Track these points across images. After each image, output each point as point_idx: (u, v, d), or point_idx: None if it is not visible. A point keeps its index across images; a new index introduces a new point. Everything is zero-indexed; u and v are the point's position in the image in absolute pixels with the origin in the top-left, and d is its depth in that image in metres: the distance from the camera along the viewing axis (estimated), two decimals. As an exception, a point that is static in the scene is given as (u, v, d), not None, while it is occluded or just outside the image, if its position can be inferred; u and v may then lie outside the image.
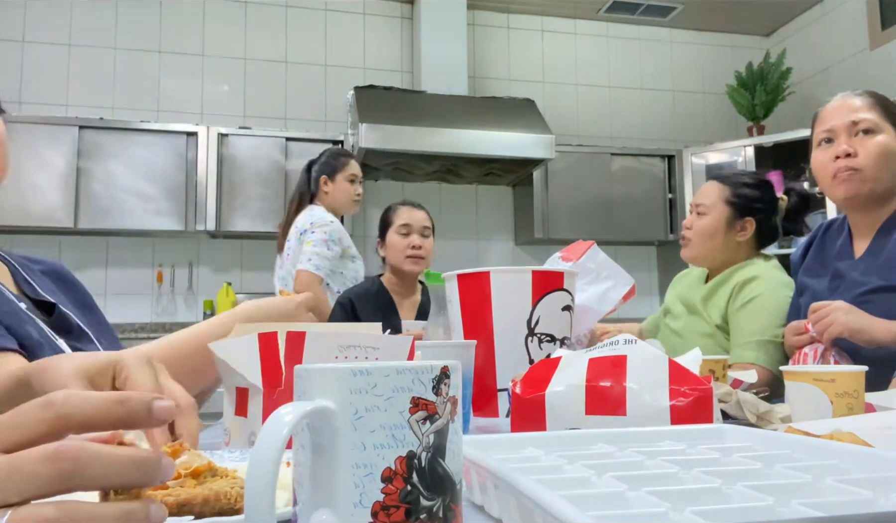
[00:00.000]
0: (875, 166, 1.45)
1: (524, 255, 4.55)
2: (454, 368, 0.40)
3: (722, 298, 1.78)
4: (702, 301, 1.82)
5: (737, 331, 1.73)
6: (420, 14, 4.30)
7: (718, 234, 1.82)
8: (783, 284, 1.75)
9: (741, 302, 1.74)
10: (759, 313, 1.71)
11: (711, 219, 1.83)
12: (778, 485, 0.45)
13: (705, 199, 1.86)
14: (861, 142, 1.46)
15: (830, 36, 4.49)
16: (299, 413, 0.36)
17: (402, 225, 2.36)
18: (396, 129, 3.71)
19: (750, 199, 1.83)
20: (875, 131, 1.46)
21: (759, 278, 1.74)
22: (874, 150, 1.45)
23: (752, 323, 1.71)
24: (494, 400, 1.11)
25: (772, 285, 1.74)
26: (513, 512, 0.45)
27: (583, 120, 4.75)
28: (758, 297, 1.72)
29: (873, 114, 1.47)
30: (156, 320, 3.95)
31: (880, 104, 1.49)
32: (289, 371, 0.73)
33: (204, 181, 3.76)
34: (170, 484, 0.48)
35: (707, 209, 1.84)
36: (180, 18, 4.17)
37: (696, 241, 1.85)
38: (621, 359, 0.81)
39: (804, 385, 0.87)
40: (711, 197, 1.85)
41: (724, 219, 1.82)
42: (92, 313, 1.05)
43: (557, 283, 1.13)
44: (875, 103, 1.48)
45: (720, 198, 1.84)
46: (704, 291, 1.83)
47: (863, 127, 1.46)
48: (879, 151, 1.45)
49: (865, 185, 1.46)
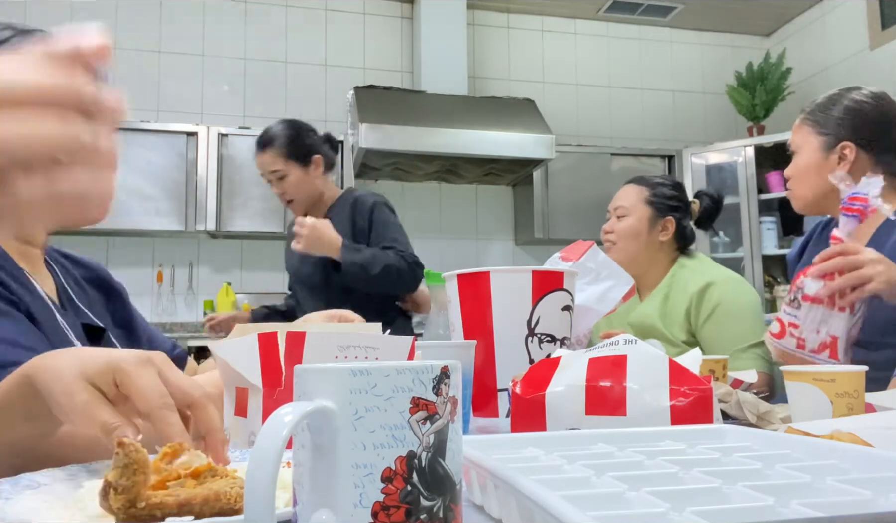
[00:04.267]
0: (796, 186, 1.56)
1: (524, 255, 4.55)
2: (454, 368, 0.40)
3: (680, 313, 1.76)
4: (659, 318, 1.80)
5: (713, 345, 1.71)
6: (420, 14, 4.30)
7: (642, 235, 1.85)
8: (740, 282, 1.78)
9: (706, 313, 1.72)
10: (730, 318, 1.71)
11: (633, 220, 1.86)
12: (778, 485, 0.45)
13: (624, 202, 1.89)
14: (791, 163, 1.58)
15: (830, 36, 4.49)
16: (299, 413, 0.36)
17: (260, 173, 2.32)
18: (396, 128, 3.71)
19: (668, 199, 1.87)
20: (796, 152, 1.56)
21: (715, 283, 1.73)
22: (792, 173, 1.56)
23: (725, 333, 1.70)
24: (494, 401, 1.11)
25: (730, 287, 1.74)
26: (513, 513, 0.45)
27: (583, 120, 4.75)
28: (721, 303, 1.71)
29: (799, 134, 1.56)
30: (156, 320, 3.95)
31: (811, 117, 1.54)
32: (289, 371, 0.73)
33: (204, 181, 3.76)
34: (170, 485, 0.48)
35: (627, 211, 1.87)
36: (180, 18, 4.17)
37: (620, 244, 1.87)
38: (621, 359, 0.81)
39: (804, 385, 0.87)
40: (631, 199, 1.88)
41: (645, 219, 1.85)
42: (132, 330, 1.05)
43: (557, 283, 1.13)
44: (805, 118, 1.55)
45: (640, 199, 1.87)
46: (656, 307, 1.81)
47: (792, 149, 1.58)
48: (795, 173, 1.56)
49: (797, 203, 1.57)
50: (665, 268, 1.87)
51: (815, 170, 1.50)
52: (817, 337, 1.23)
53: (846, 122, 1.48)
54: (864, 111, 1.48)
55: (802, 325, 1.24)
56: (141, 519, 0.45)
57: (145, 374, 0.54)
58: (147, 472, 0.46)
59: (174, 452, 0.51)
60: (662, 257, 1.87)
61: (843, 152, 1.47)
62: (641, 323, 1.83)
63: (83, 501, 0.49)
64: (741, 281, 1.79)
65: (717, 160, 4.30)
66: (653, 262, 1.87)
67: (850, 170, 1.45)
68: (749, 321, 1.72)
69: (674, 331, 1.77)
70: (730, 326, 1.70)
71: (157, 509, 0.45)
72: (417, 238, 4.40)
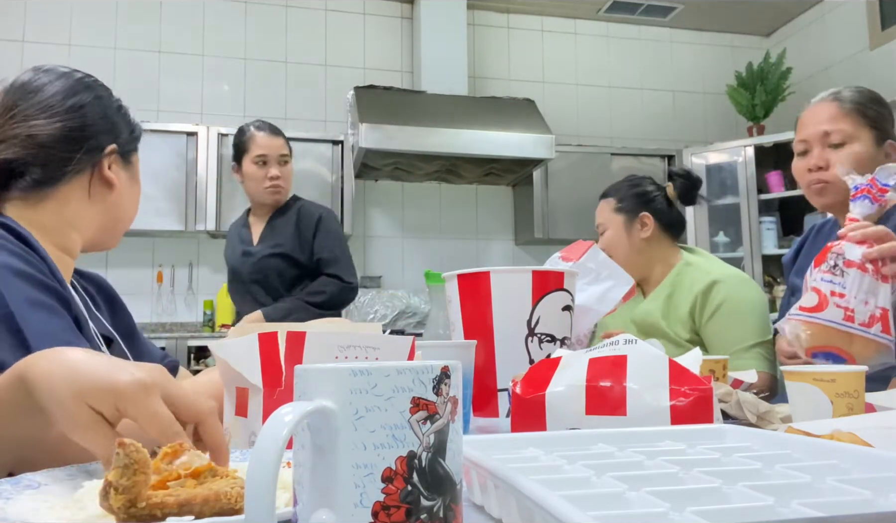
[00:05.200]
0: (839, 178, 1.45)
1: (524, 255, 4.55)
2: (454, 368, 0.40)
3: (683, 311, 1.76)
4: (662, 317, 1.80)
5: (716, 343, 1.70)
6: (420, 14, 4.30)
7: (623, 241, 1.88)
8: (744, 280, 1.76)
9: (710, 311, 1.71)
10: (734, 317, 1.70)
11: (611, 232, 1.91)
12: (778, 485, 0.45)
13: (600, 218, 1.96)
14: (833, 153, 1.45)
15: (830, 36, 4.49)
16: (299, 413, 0.36)
17: (258, 155, 2.36)
18: (396, 129, 3.71)
19: (635, 196, 1.90)
20: (846, 142, 1.44)
21: (720, 281, 1.72)
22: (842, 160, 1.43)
23: (728, 330, 1.69)
24: (494, 401, 1.11)
25: (735, 285, 1.73)
26: (513, 513, 0.45)
27: (583, 120, 4.75)
28: (725, 301, 1.70)
29: (846, 123, 1.45)
30: (156, 320, 3.96)
31: (857, 109, 1.46)
32: (289, 371, 0.73)
33: (204, 181, 3.76)
34: (170, 485, 0.48)
35: (605, 225, 1.93)
36: (180, 18, 4.17)
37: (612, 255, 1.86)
38: (621, 359, 0.81)
39: (804, 385, 0.87)
40: (604, 214, 1.95)
41: (620, 227, 1.89)
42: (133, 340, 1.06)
43: (557, 283, 1.13)
44: (851, 109, 1.46)
45: (610, 211, 1.93)
46: (659, 306, 1.81)
47: (834, 140, 1.45)
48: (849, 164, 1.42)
49: (839, 196, 1.45)
50: (666, 262, 1.87)
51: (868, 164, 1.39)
52: (866, 308, 1.08)
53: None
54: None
55: (849, 294, 1.09)
56: (141, 519, 0.45)
57: (150, 403, 0.53)
58: (148, 472, 0.46)
59: (174, 452, 0.51)
60: (658, 251, 1.88)
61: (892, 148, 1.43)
62: (643, 320, 1.83)
63: (83, 501, 0.49)
64: (747, 280, 1.78)
65: (717, 160, 4.30)
66: (650, 260, 1.87)
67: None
68: (753, 320, 1.71)
69: (677, 329, 1.76)
70: (733, 325, 1.69)
71: (157, 509, 0.45)
72: (417, 238, 4.43)
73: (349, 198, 3.97)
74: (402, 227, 4.41)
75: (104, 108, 0.99)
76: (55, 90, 0.95)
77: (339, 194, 3.96)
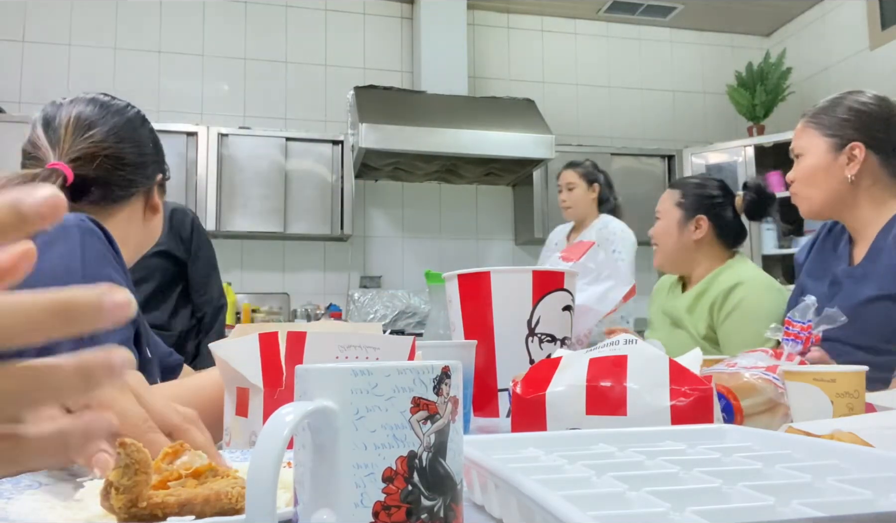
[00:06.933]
0: (801, 189, 1.55)
1: (524, 255, 4.54)
2: (455, 368, 0.40)
3: (705, 308, 1.79)
4: (686, 312, 1.82)
5: (727, 342, 1.72)
6: (420, 14, 4.30)
7: (671, 236, 1.91)
8: (768, 287, 1.76)
9: (727, 310, 1.74)
10: (749, 320, 1.71)
11: (664, 223, 1.94)
12: (778, 485, 0.45)
13: (661, 206, 1.98)
14: (795, 166, 1.57)
15: (830, 36, 4.49)
16: (300, 413, 0.36)
17: None
18: (396, 128, 3.71)
19: (698, 197, 1.92)
20: (801, 155, 1.54)
21: (743, 283, 1.75)
22: (797, 176, 1.56)
23: (740, 333, 1.70)
24: (495, 400, 1.11)
25: (756, 289, 1.74)
26: (513, 513, 0.45)
27: (583, 120, 4.75)
28: (742, 302, 1.72)
29: (802, 137, 1.54)
30: (156, 320, 3.95)
31: (812, 121, 1.53)
32: (289, 371, 0.73)
33: (204, 181, 3.76)
34: (171, 484, 0.48)
35: (662, 214, 1.95)
36: (180, 18, 4.17)
37: (659, 245, 1.96)
38: (622, 359, 0.81)
39: (804, 385, 0.87)
40: (665, 203, 1.96)
41: (674, 221, 1.91)
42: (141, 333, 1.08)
43: (558, 283, 1.13)
44: (807, 122, 1.54)
45: (672, 202, 1.94)
46: (687, 302, 1.84)
47: (795, 154, 1.56)
48: (801, 176, 1.55)
49: (802, 206, 1.57)
50: (710, 265, 1.89)
51: (823, 173, 1.49)
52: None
53: (852, 123, 1.47)
54: (871, 111, 1.47)
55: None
56: (142, 519, 0.45)
57: (122, 399, 0.54)
58: (148, 472, 0.46)
59: (175, 452, 0.51)
60: (706, 255, 1.90)
61: (852, 152, 1.46)
62: (671, 313, 1.90)
63: (84, 501, 0.49)
64: (771, 286, 1.78)
65: (717, 160, 4.30)
66: (695, 260, 1.90)
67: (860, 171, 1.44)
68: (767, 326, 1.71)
69: (698, 325, 1.79)
70: (747, 328, 1.70)
71: (158, 509, 0.45)
72: (417, 238, 4.43)
73: (349, 198, 3.96)
74: (402, 227, 4.41)
75: (155, 140, 1.13)
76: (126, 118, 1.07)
77: (339, 194, 3.96)
